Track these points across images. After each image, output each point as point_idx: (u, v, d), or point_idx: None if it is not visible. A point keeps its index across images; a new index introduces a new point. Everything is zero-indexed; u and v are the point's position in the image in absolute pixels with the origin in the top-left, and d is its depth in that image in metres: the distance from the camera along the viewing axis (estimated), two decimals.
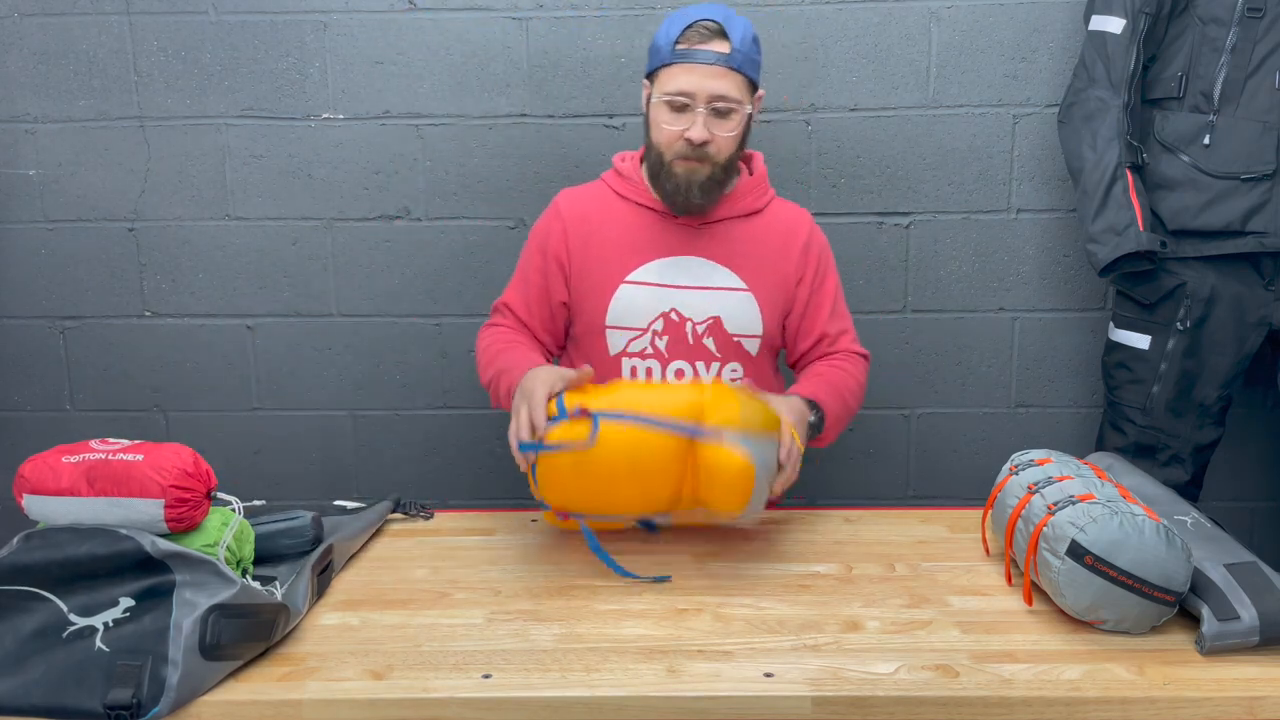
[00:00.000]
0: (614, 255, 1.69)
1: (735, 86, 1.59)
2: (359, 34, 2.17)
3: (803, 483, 2.31)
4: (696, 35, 1.58)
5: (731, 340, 1.69)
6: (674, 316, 1.67)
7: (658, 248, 1.69)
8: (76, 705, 1.09)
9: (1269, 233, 1.86)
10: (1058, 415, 2.28)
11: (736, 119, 1.61)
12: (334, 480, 2.34)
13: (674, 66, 1.59)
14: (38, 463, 1.23)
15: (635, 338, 1.68)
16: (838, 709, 1.12)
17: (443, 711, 1.13)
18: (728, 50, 1.58)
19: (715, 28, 1.59)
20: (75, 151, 2.23)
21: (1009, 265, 2.22)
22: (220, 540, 1.27)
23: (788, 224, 1.75)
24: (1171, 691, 1.11)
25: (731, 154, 1.64)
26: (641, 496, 1.42)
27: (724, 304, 1.68)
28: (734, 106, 1.60)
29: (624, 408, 1.37)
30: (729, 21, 1.60)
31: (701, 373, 1.68)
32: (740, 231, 1.71)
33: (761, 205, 1.74)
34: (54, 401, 2.32)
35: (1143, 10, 1.88)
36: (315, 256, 2.25)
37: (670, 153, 1.62)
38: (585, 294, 1.70)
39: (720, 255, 1.69)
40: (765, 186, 1.76)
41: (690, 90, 1.58)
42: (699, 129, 1.58)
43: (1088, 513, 1.22)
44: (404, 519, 1.70)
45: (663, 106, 1.61)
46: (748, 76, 1.61)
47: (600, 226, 1.71)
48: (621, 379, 1.43)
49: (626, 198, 1.72)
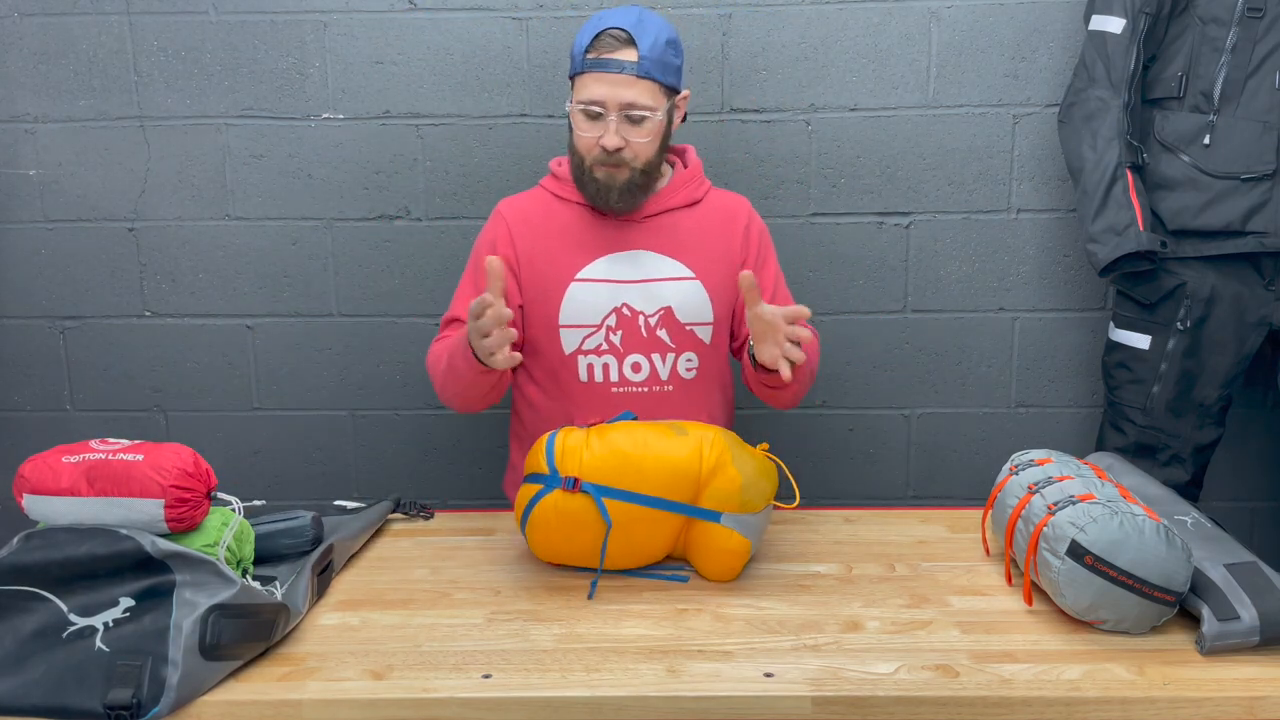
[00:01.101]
0: (561, 255, 1.72)
1: (646, 93, 1.61)
2: (359, 34, 2.17)
3: (803, 483, 2.32)
4: (605, 45, 1.61)
5: (684, 329, 1.72)
6: (626, 311, 1.70)
7: (603, 245, 1.72)
8: (76, 705, 1.09)
9: (1269, 233, 1.86)
10: (1058, 415, 2.28)
11: (650, 125, 1.64)
12: (334, 480, 2.34)
13: (586, 75, 1.62)
14: (38, 463, 1.23)
15: (589, 334, 1.70)
16: (838, 709, 1.12)
17: (443, 711, 1.13)
18: (636, 59, 1.60)
19: (624, 36, 1.61)
20: (75, 151, 2.23)
21: (1009, 265, 2.22)
22: (220, 540, 1.27)
23: (727, 210, 1.78)
24: (1171, 691, 1.11)
25: (650, 158, 1.67)
26: (630, 558, 1.43)
27: (674, 294, 1.71)
28: (645, 114, 1.62)
29: (620, 480, 1.37)
30: (639, 28, 1.61)
31: (658, 364, 1.70)
32: (682, 222, 1.74)
33: (700, 196, 1.78)
34: (54, 401, 2.32)
35: (1143, 10, 1.88)
36: (315, 256, 2.25)
37: (589, 158, 1.66)
38: (536, 296, 1.72)
39: (665, 247, 1.73)
40: (701, 178, 1.80)
41: (601, 99, 1.61)
42: (611, 137, 1.61)
43: (1088, 513, 1.22)
44: (404, 519, 1.70)
45: (579, 114, 1.65)
46: (659, 82, 1.63)
47: (544, 228, 1.73)
48: (610, 423, 1.44)
49: (566, 199, 1.75)
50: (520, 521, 1.41)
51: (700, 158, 1.84)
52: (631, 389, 1.70)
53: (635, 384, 1.70)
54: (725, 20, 2.15)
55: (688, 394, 1.72)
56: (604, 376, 1.70)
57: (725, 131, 2.18)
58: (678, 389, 1.72)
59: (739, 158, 2.19)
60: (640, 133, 1.63)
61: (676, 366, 1.72)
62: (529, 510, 1.39)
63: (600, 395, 1.70)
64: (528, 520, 1.40)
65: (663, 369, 1.71)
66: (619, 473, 1.37)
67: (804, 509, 1.72)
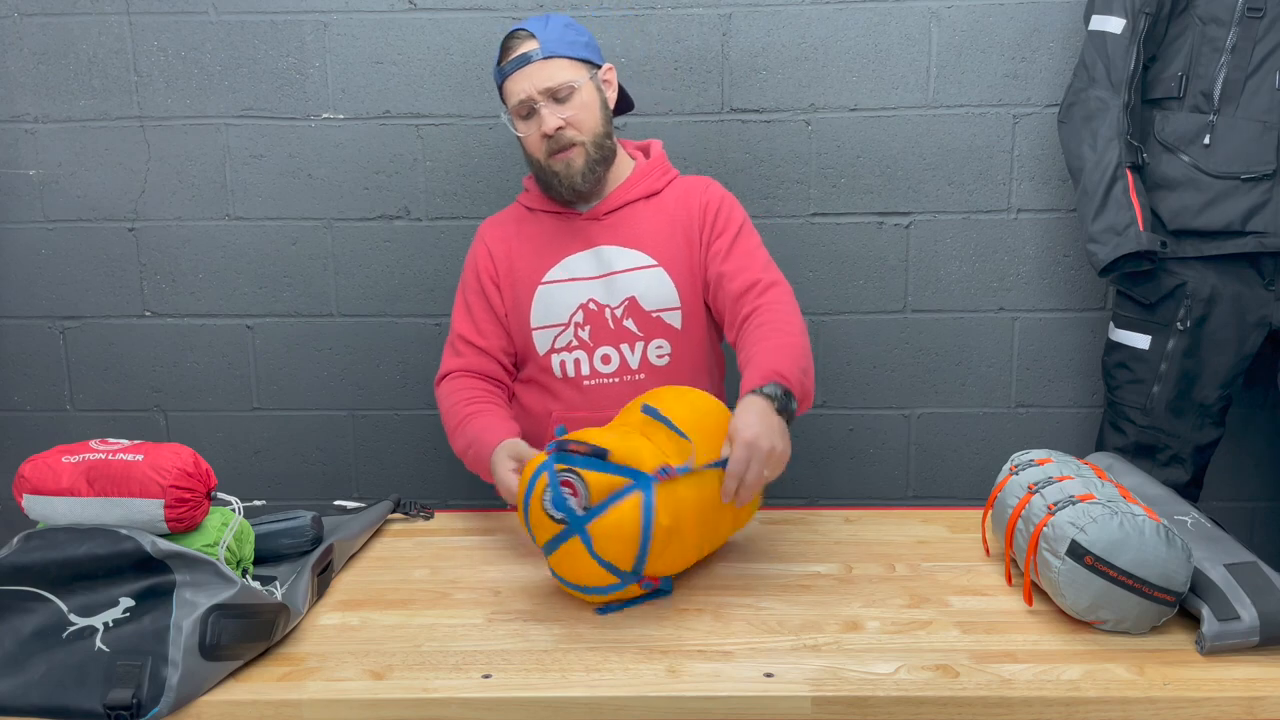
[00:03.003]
0: (529, 262, 1.77)
1: (560, 70, 1.68)
2: (359, 34, 2.17)
3: (803, 483, 2.32)
4: (510, 49, 1.71)
5: (650, 317, 1.74)
6: (592, 306, 1.74)
7: (566, 246, 1.76)
8: (76, 705, 1.09)
9: (1269, 232, 1.86)
10: (1058, 415, 2.28)
11: (578, 99, 1.69)
12: (334, 480, 2.34)
13: (506, 82, 1.71)
14: (38, 463, 1.23)
15: (560, 333, 1.74)
16: (838, 709, 1.12)
17: (443, 711, 1.13)
18: (538, 45, 1.68)
19: (523, 34, 1.71)
20: (75, 151, 2.23)
21: (1009, 265, 2.22)
22: (220, 540, 1.27)
23: (686, 192, 1.80)
24: (1171, 691, 1.11)
25: (595, 129, 1.71)
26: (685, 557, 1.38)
27: (636, 283, 1.73)
28: (567, 88, 1.68)
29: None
30: (534, 24, 1.71)
31: (627, 354, 1.73)
32: (640, 213, 1.77)
33: (660, 186, 1.80)
34: (54, 401, 2.32)
35: (1143, 10, 1.88)
36: (315, 256, 2.25)
37: (542, 155, 1.71)
38: (512, 304, 1.78)
39: (626, 239, 1.75)
40: (665, 168, 1.82)
41: (524, 94, 1.68)
42: (548, 120, 1.67)
43: (1088, 513, 1.22)
44: (404, 519, 1.70)
45: (518, 122, 1.73)
46: (569, 57, 1.69)
47: (515, 240, 1.80)
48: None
49: (536, 210, 1.81)
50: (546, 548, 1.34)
51: (665, 150, 1.85)
52: (604, 380, 1.73)
53: (606, 375, 1.73)
54: (725, 20, 2.15)
55: (664, 381, 1.73)
56: (576, 371, 1.74)
57: (725, 131, 2.18)
58: (651, 377, 1.73)
59: (739, 158, 2.19)
60: (571, 108, 1.69)
61: (647, 354, 1.74)
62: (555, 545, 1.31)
63: (576, 390, 1.74)
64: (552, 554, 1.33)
65: (632, 358, 1.73)
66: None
67: (804, 509, 1.72)
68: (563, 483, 1.27)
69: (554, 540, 1.29)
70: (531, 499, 1.30)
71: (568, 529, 1.27)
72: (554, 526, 1.28)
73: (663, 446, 1.33)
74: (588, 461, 1.28)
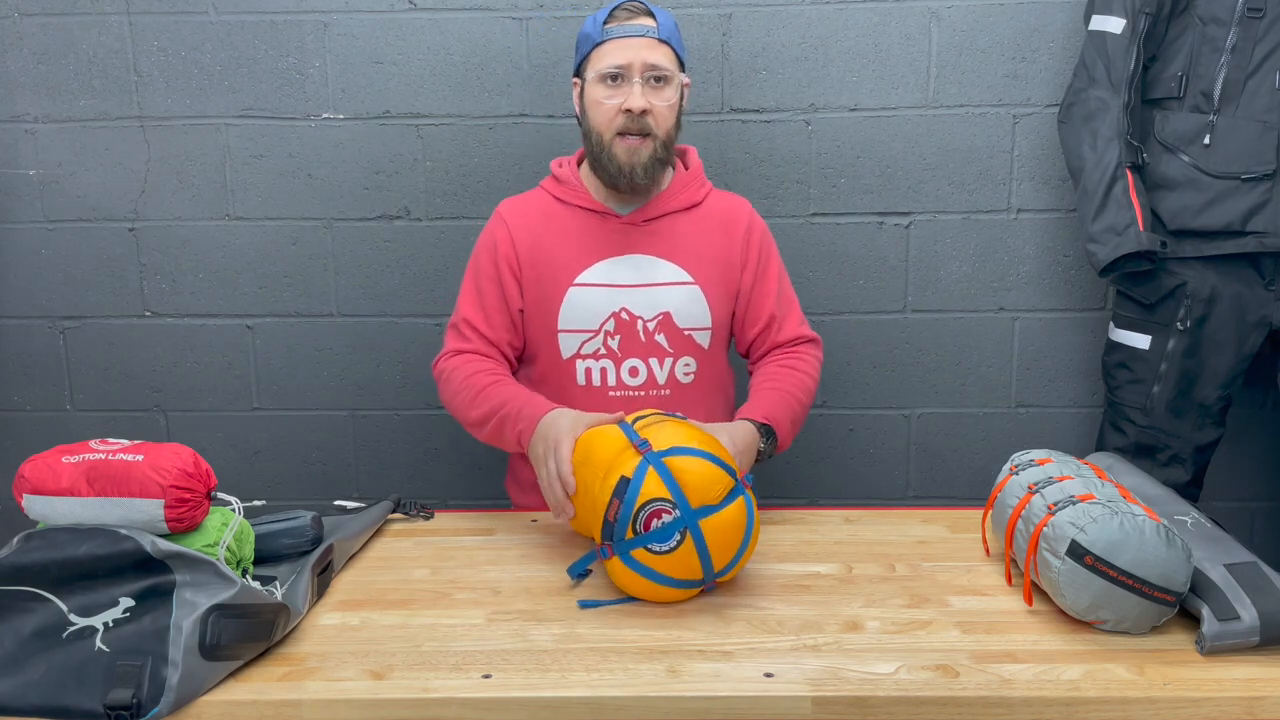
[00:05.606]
0: (560, 259, 1.71)
1: (667, 58, 1.65)
2: (359, 34, 2.17)
3: (803, 483, 2.32)
4: (624, 14, 1.66)
5: (683, 334, 1.71)
6: (624, 315, 1.70)
7: (603, 249, 1.71)
8: (76, 705, 1.09)
9: (1269, 233, 1.86)
10: (1058, 415, 2.28)
11: (672, 89, 1.66)
12: (334, 480, 2.34)
13: (605, 44, 1.64)
14: (38, 463, 1.23)
15: (588, 339, 1.70)
16: (838, 709, 1.12)
17: (443, 711, 1.13)
18: (655, 24, 1.65)
19: (640, 7, 1.67)
20: (75, 151, 2.23)
21: (1009, 265, 2.22)
22: (220, 540, 1.27)
23: (727, 213, 1.77)
24: (1171, 691, 1.11)
25: (670, 129, 1.68)
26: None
27: (672, 299, 1.70)
28: (668, 74, 1.65)
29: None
30: (651, 4, 1.68)
31: (655, 369, 1.70)
32: (681, 225, 1.74)
33: (700, 198, 1.77)
34: (54, 401, 2.32)
35: (1143, 10, 1.88)
36: (315, 256, 2.25)
37: (610, 131, 1.65)
38: (536, 300, 1.72)
39: (664, 250, 1.72)
40: (702, 179, 1.79)
41: (625, 62, 1.62)
42: (637, 97, 1.62)
43: (1088, 513, 1.22)
44: (404, 519, 1.70)
45: (598, 84, 1.65)
46: (676, 52, 1.67)
47: (544, 232, 1.73)
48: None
49: (567, 202, 1.74)
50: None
51: (701, 159, 1.84)
52: (630, 393, 1.70)
53: (632, 388, 1.70)
54: (725, 20, 2.15)
55: (685, 398, 1.72)
56: (601, 381, 1.70)
57: (725, 131, 2.19)
58: (675, 393, 1.71)
59: (739, 158, 2.19)
60: (663, 95, 1.65)
61: (674, 371, 1.71)
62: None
63: (597, 399, 1.70)
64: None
65: (660, 374, 1.71)
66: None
67: (804, 509, 1.72)
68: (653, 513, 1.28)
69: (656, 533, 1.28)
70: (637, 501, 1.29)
71: (678, 519, 1.27)
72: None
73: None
74: (697, 451, 1.31)
